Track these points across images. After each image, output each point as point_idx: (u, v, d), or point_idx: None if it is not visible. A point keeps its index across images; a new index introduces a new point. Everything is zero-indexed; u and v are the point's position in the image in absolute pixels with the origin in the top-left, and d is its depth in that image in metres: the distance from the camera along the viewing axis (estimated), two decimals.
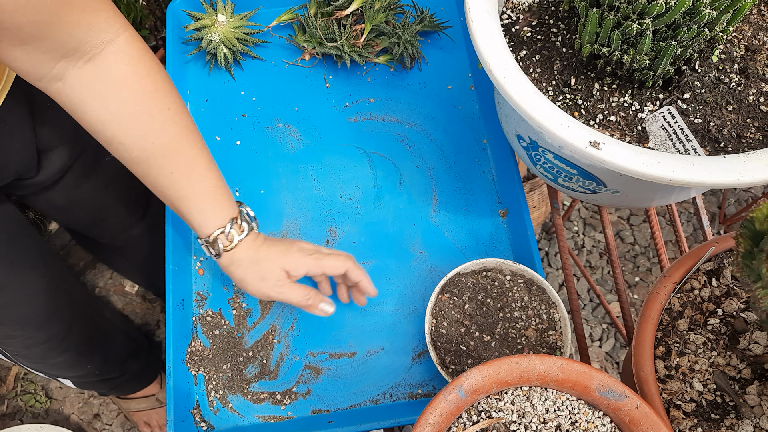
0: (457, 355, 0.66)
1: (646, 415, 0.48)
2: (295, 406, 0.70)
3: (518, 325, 0.67)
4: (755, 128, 0.57)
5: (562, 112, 0.54)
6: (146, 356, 1.19)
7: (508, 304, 0.68)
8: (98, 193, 0.87)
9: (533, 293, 0.68)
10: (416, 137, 0.84)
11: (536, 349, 0.66)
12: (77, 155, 0.79)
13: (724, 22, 0.54)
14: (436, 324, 0.67)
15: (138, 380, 1.18)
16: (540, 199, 1.21)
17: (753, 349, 0.53)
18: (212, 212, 0.63)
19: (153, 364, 1.23)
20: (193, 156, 0.61)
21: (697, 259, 0.57)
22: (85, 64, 0.53)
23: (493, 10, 0.60)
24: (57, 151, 0.76)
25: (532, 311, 0.68)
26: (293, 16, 0.88)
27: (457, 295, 0.68)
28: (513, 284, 0.69)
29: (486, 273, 0.69)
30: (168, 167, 0.59)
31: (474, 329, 0.67)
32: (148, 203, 0.99)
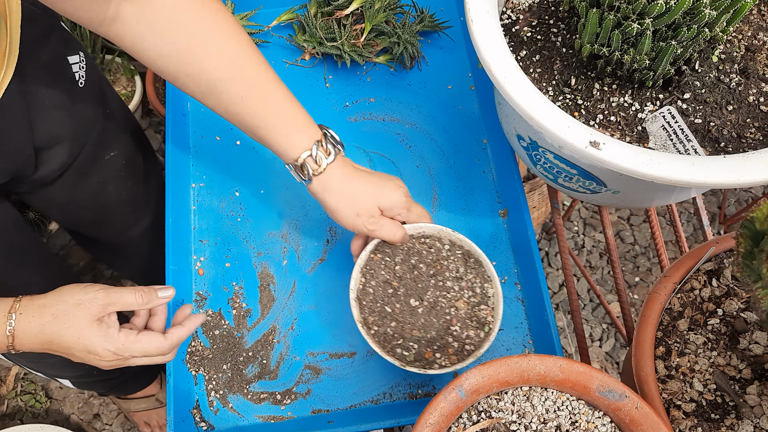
0: (381, 316, 0.65)
1: (646, 415, 0.48)
2: (295, 406, 0.70)
3: (449, 294, 0.66)
4: (755, 128, 0.57)
5: (562, 112, 0.54)
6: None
7: (442, 272, 0.67)
8: (98, 191, 0.87)
9: (470, 265, 0.67)
10: (416, 137, 0.84)
11: (465, 322, 0.65)
12: (77, 153, 0.79)
13: (724, 22, 0.54)
14: (365, 283, 0.66)
15: (138, 380, 1.18)
16: (540, 199, 1.21)
17: (753, 349, 0.53)
18: (295, 135, 0.60)
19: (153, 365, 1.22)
20: (261, 77, 0.59)
21: (697, 259, 0.57)
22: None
23: (493, 10, 0.60)
24: (56, 149, 0.76)
25: (466, 283, 0.66)
26: (293, 16, 0.88)
27: (390, 256, 0.67)
28: (450, 254, 0.67)
29: (424, 239, 0.68)
30: (239, 95, 0.58)
31: (401, 293, 0.66)
32: (148, 203, 0.99)
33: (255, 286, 0.75)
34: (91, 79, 0.75)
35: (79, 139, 0.77)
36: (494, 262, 0.76)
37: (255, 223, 0.79)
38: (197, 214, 0.79)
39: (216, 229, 0.78)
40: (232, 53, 0.57)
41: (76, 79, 0.72)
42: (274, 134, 0.60)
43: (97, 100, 0.77)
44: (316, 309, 0.74)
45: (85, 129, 0.77)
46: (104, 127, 0.80)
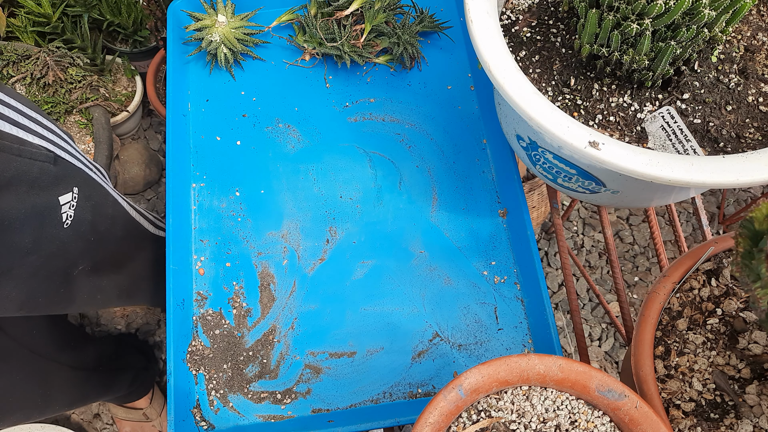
0: None
1: (645, 414, 0.48)
2: (295, 406, 0.70)
3: None
4: (754, 128, 0.57)
5: (562, 113, 0.54)
6: (140, 373, 1.19)
7: None
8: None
9: None
10: (416, 137, 0.84)
11: None
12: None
13: (724, 22, 0.55)
14: None
15: (128, 395, 1.18)
16: (539, 199, 1.21)
17: (752, 349, 0.54)
18: None
19: (146, 381, 1.22)
20: None
21: (696, 258, 0.57)
22: None
23: (493, 11, 0.60)
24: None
25: None
26: (293, 16, 0.88)
27: None
28: None
29: None
30: None
31: None
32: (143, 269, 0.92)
33: (255, 285, 0.76)
34: (80, 215, 0.71)
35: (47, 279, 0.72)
36: (494, 262, 0.76)
37: (255, 223, 0.79)
38: (197, 214, 0.79)
39: (216, 229, 0.78)
40: None
41: (62, 220, 0.68)
42: None
43: (80, 237, 0.73)
44: (316, 309, 0.75)
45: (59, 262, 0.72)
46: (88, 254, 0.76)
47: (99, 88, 1.20)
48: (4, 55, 1.13)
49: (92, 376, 1.02)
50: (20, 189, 0.60)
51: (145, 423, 1.25)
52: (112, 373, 1.10)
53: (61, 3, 1.19)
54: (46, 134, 0.67)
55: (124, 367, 1.15)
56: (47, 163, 0.65)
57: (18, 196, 0.60)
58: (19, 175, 0.60)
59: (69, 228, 0.69)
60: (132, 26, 1.29)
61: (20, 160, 0.60)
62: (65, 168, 0.68)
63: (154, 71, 1.33)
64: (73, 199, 0.69)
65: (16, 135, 0.60)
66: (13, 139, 0.60)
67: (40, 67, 1.12)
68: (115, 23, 1.27)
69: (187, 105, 0.85)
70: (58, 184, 0.67)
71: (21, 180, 0.60)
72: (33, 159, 0.62)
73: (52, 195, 0.66)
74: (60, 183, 0.67)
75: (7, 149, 0.58)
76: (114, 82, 1.31)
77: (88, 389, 1.02)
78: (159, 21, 1.26)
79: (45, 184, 0.64)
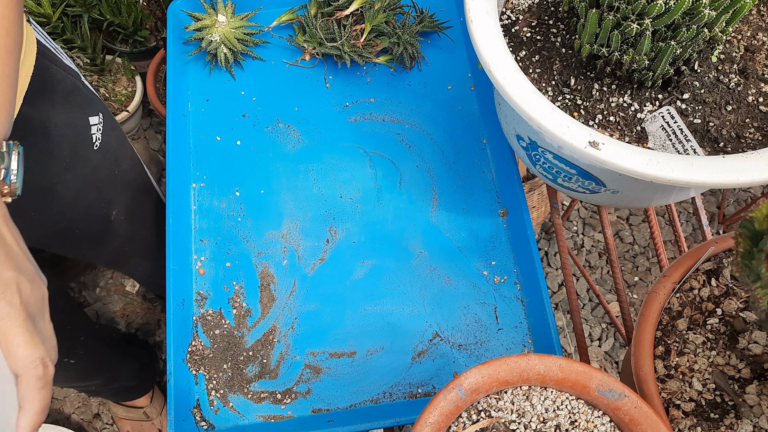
0: None
1: (645, 414, 0.48)
2: (295, 406, 0.70)
3: None
4: (754, 128, 0.57)
5: (562, 113, 0.54)
6: (143, 370, 1.19)
7: None
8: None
9: None
10: (416, 137, 0.84)
11: None
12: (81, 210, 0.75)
13: (724, 22, 0.55)
14: None
15: (129, 392, 1.18)
16: (539, 199, 1.22)
17: (752, 349, 0.54)
18: None
19: (148, 379, 1.22)
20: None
21: (696, 258, 0.57)
22: None
23: (493, 11, 0.60)
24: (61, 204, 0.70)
25: None
26: (293, 16, 0.88)
27: None
28: None
29: None
30: None
31: None
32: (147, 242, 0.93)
33: (255, 285, 0.76)
34: (106, 141, 0.73)
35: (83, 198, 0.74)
36: (494, 262, 0.76)
37: (255, 223, 0.79)
38: (197, 214, 0.79)
39: (216, 229, 0.78)
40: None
41: (93, 141, 0.71)
42: None
43: (107, 164, 0.75)
44: (316, 309, 0.75)
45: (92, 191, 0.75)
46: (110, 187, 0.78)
47: (99, 88, 1.20)
48: None
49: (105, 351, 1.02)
50: (56, 98, 0.61)
51: (146, 422, 1.25)
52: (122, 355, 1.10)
53: (61, 3, 1.19)
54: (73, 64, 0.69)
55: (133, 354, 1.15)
56: (78, 80, 0.67)
57: (54, 105, 0.61)
58: (55, 84, 0.61)
59: (98, 151, 0.71)
60: (132, 26, 1.29)
61: (56, 69, 0.61)
62: (90, 92, 0.71)
63: (154, 71, 1.34)
64: (100, 123, 0.71)
65: (53, 51, 0.62)
66: (50, 51, 0.61)
67: None
68: (115, 23, 1.28)
69: (187, 105, 0.85)
70: (88, 105, 0.69)
71: (56, 89, 0.61)
72: (67, 72, 0.65)
73: (84, 113, 0.68)
74: (89, 104, 0.69)
75: (45, 55, 0.59)
76: (114, 82, 1.31)
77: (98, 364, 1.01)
78: (159, 21, 1.27)
79: (77, 101, 0.67)
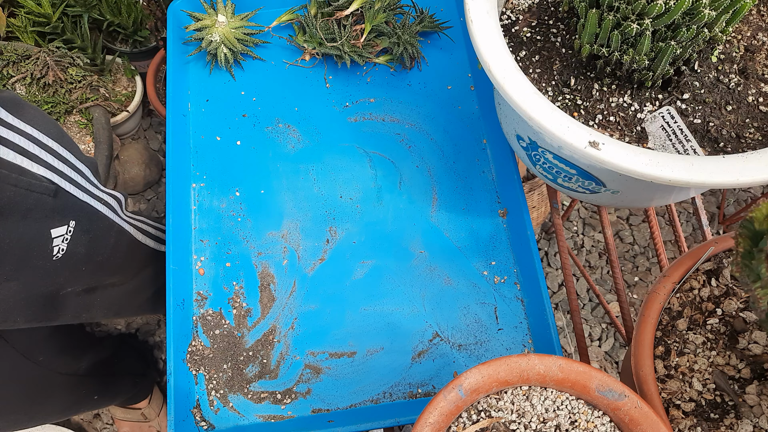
0: None
1: (645, 414, 0.48)
2: (295, 406, 0.70)
3: None
4: (754, 128, 0.57)
5: (562, 113, 0.54)
6: (139, 380, 1.19)
7: None
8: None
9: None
10: (416, 137, 0.84)
11: None
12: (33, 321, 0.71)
13: (724, 22, 0.55)
14: None
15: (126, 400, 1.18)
16: (539, 199, 1.21)
17: (752, 349, 0.54)
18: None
19: (144, 388, 1.22)
20: None
21: (696, 258, 0.57)
22: None
23: (493, 11, 0.60)
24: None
25: None
26: (293, 16, 0.88)
27: None
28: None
29: None
30: None
31: None
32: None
33: (255, 285, 0.76)
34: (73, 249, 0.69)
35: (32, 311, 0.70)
36: (494, 262, 0.76)
37: (255, 223, 0.79)
38: (197, 214, 0.79)
39: (216, 229, 0.78)
40: None
41: (52, 253, 0.66)
42: None
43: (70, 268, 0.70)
44: (316, 309, 0.75)
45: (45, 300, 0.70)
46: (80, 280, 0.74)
47: (99, 88, 1.20)
48: (4, 55, 1.13)
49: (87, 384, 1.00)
50: (11, 218, 0.59)
51: (144, 423, 1.25)
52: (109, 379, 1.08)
53: (61, 3, 1.19)
54: (56, 164, 0.65)
55: (122, 373, 1.14)
56: (45, 195, 0.63)
57: (6, 225, 0.58)
58: (12, 205, 0.58)
59: (59, 260, 0.67)
60: (132, 26, 1.29)
61: (15, 190, 0.59)
62: (65, 200, 0.66)
63: (154, 71, 1.33)
64: (68, 232, 0.67)
65: (18, 164, 0.59)
66: (12, 167, 0.58)
67: (40, 67, 1.12)
68: (115, 23, 1.27)
69: (187, 105, 0.85)
70: (53, 217, 0.65)
71: (13, 210, 0.59)
72: (30, 190, 0.61)
73: (45, 227, 0.64)
74: (56, 216, 0.65)
75: (3, 178, 0.56)
76: (114, 82, 1.31)
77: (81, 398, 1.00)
78: (159, 21, 1.27)
79: (39, 216, 0.63)
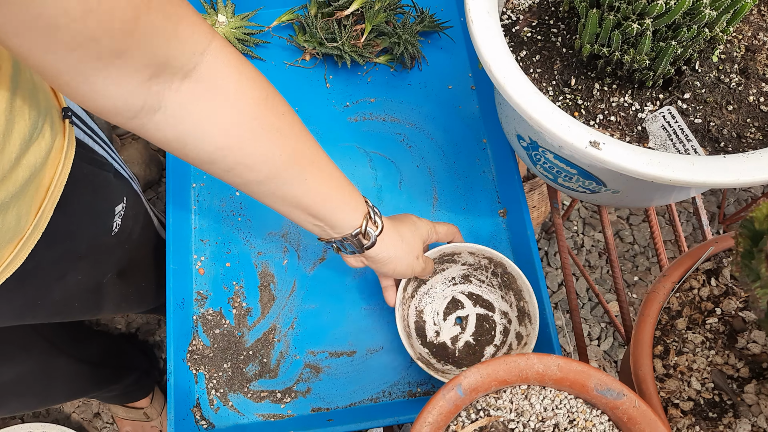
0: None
1: (644, 413, 0.48)
2: (295, 405, 0.70)
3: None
4: (755, 128, 0.57)
5: (562, 112, 0.54)
6: (142, 375, 1.19)
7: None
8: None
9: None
10: (416, 137, 0.84)
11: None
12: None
13: (724, 22, 0.55)
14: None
15: (129, 395, 1.18)
16: (540, 199, 1.22)
17: (751, 348, 0.54)
18: (354, 201, 0.58)
19: (147, 384, 1.22)
20: (319, 155, 0.55)
21: (696, 258, 0.57)
22: (182, 83, 0.43)
23: (493, 11, 0.60)
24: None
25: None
26: (294, 16, 0.88)
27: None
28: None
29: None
30: (302, 175, 0.53)
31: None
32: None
33: (255, 285, 0.76)
34: (125, 224, 0.73)
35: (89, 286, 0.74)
36: None
37: (255, 223, 0.79)
38: (198, 214, 0.79)
39: (216, 229, 0.78)
40: (294, 137, 0.52)
41: (112, 228, 0.70)
42: (336, 209, 0.57)
43: (120, 244, 0.75)
44: (316, 308, 0.75)
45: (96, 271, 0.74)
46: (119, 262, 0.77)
47: None
48: None
49: (95, 371, 1.03)
50: (84, 195, 0.62)
51: (146, 422, 1.25)
52: (116, 370, 1.10)
53: None
54: (108, 150, 0.71)
55: (128, 366, 1.15)
56: (110, 173, 0.68)
57: (81, 202, 0.62)
58: (87, 181, 0.62)
59: (114, 236, 0.71)
60: None
61: (90, 168, 0.63)
62: (120, 179, 0.72)
63: None
64: (123, 208, 0.72)
65: (90, 145, 0.64)
66: (87, 148, 0.63)
67: None
68: None
69: None
70: (115, 193, 0.70)
71: (87, 185, 0.63)
72: (101, 168, 0.66)
73: (110, 204, 0.69)
74: (117, 191, 0.70)
75: (81, 156, 0.60)
76: None
77: (89, 383, 1.02)
78: None
79: (104, 194, 0.68)
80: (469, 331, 0.71)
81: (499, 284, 0.71)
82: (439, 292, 0.73)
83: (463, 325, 0.72)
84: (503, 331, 0.70)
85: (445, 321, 0.72)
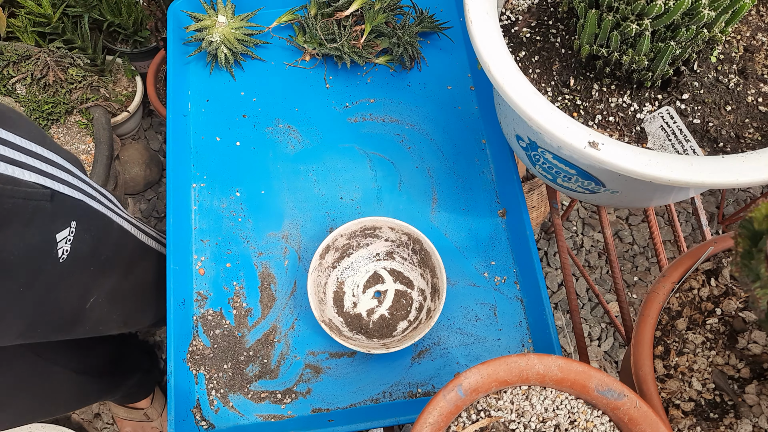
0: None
1: (644, 414, 0.48)
2: (295, 405, 0.70)
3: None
4: (754, 128, 0.57)
5: (561, 113, 0.54)
6: (143, 376, 1.19)
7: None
8: None
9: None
10: (416, 138, 0.84)
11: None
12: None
13: (723, 22, 0.55)
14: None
15: (130, 396, 1.18)
16: (539, 199, 1.22)
17: (752, 349, 0.54)
18: None
19: (148, 384, 1.22)
20: None
21: (695, 258, 0.57)
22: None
23: (493, 11, 0.61)
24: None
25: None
26: (293, 17, 0.88)
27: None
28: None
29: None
30: None
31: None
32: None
33: (256, 285, 0.76)
34: (78, 247, 0.69)
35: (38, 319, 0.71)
36: (493, 262, 0.77)
37: (255, 223, 0.79)
38: (198, 214, 0.79)
39: (217, 229, 0.79)
40: None
41: (58, 256, 0.66)
42: None
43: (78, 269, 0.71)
44: None
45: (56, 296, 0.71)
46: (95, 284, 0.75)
47: (99, 89, 1.20)
48: (5, 56, 1.13)
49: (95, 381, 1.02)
50: (14, 229, 0.59)
51: (146, 423, 1.25)
52: (116, 377, 1.10)
53: (61, 3, 1.19)
54: (46, 168, 0.65)
55: (129, 369, 1.15)
56: (43, 201, 0.63)
57: (10, 237, 0.59)
58: (13, 216, 0.58)
59: (65, 262, 0.67)
60: (132, 27, 1.29)
61: (14, 201, 0.59)
62: (63, 203, 0.67)
63: (155, 71, 1.34)
64: (71, 233, 0.67)
65: (11, 175, 0.59)
66: (6, 179, 0.58)
67: (40, 67, 1.13)
68: (116, 24, 1.28)
69: (187, 105, 0.86)
70: (55, 221, 0.65)
71: (15, 220, 0.59)
72: (27, 199, 0.61)
73: (48, 233, 0.64)
74: (57, 219, 0.65)
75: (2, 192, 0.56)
76: (114, 82, 1.31)
77: (89, 393, 1.02)
78: (159, 21, 1.27)
79: (41, 223, 0.63)
80: (386, 305, 0.73)
81: (418, 261, 0.73)
82: (362, 265, 0.75)
83: (380, 299, 0.74)
84: (418, 307, 0.73)
85: (364, 294, 0.74)
